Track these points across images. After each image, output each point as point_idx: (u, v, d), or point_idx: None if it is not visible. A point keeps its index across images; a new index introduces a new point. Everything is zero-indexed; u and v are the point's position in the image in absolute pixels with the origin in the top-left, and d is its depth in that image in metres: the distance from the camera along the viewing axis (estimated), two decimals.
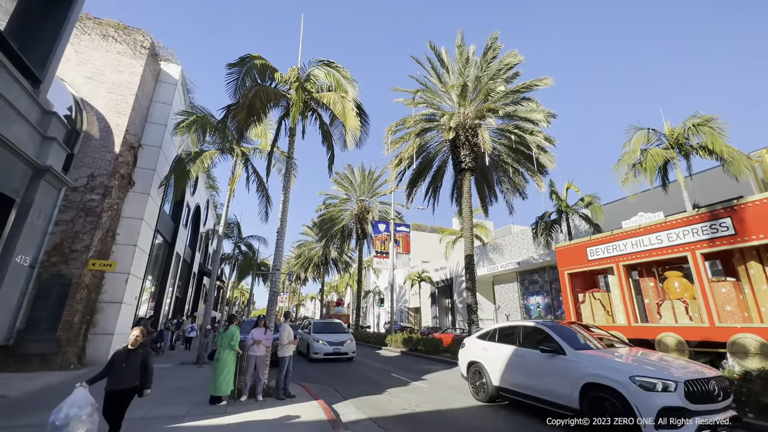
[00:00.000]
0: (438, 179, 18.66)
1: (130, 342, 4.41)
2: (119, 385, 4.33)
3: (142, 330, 4.47)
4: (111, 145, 11.94)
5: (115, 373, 4.33)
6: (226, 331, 6.86)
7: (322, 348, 13.68)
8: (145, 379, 4.45)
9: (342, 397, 7.83)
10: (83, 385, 4.06)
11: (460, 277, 34.36)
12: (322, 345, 13.70)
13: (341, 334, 14.74)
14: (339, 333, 14.85)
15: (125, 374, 4.32)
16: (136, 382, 4.42)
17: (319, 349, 13.66)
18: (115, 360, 4.38)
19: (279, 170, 15.16)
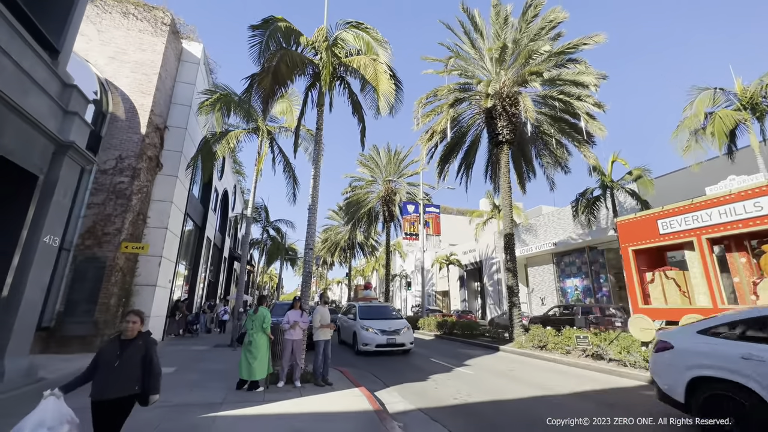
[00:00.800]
0: (471, 155, 17.50)
1: (125, 330, 3.10)
2: (109, 393, 2.98)
3: (140, 313, 3.22)
4: (137, 126, 11.67)
5: (103, 375, 2.98)
6: (256, 313, 6.37)
7: (373, 338, 10.91)
8: (149, 381, 3.09)
9: (383, 384, 7.29)
10: (55, 394, 2.84)
11: (491, 259, 33.27)
12: (373, 335, 10.97)
13: (394, 320, 12.09)
14: (391, 319, 12.15)
15: (118, 377, 2.98)
16: (136, 387, 3.06)
17: (369, 340, 10.91)
18: (102, 356, 3.03)
19: (306, 149, 14.57)
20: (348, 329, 12.62)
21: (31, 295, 6.17)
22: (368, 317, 11.98)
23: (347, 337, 12.75)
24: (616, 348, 8.14)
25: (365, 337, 11.00)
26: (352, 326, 12.02)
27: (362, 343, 10.99)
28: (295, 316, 6.74)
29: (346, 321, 13.12)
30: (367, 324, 11.40)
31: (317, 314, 6.94)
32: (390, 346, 10.92)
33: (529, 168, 17.60)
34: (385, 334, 11.01)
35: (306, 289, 7.67)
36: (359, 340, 11.16)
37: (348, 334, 12.58)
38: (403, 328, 11.33)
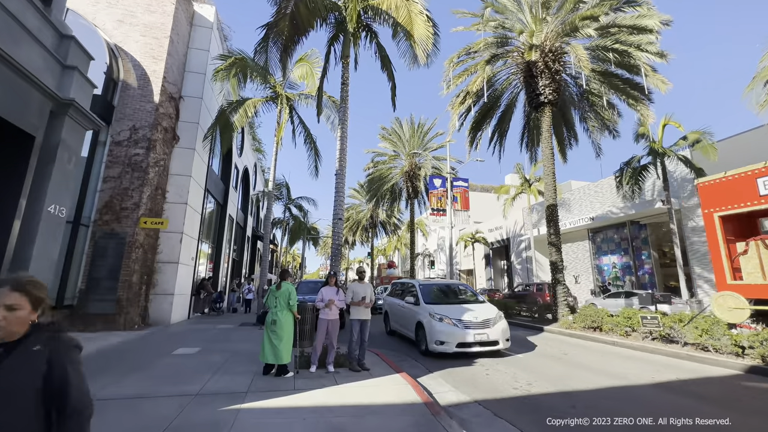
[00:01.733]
0: (505, 121, 16.00)
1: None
2: None
3: (23, 285, 1.34)
4: (150, 95, 10.94)
5: None
6: (279, 289, 5.56)
7: (452, 333, 7.23)
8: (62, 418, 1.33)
9: (425, 368, 6.46)
10: None
11: (519, 236, 31.85)
12: (452, 327, 7.28)
13: (475, 304, 8.29)
14: (470, 302, 8.41)
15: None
16: None
17: (446, 336, 7.22)
18: None
19: (328, 117, 13.56)
20: (404, 317, 9.01)
21: (38, 271, 5.57)
22: (438, 301, 8.43)
23: (403, 328, 9.18)
24: (695, 331, 6.97)
25: (439, 332, 7.26)
26: (413, 314, 8.38)
27: (436, 341, 7.25)
28: (330, 293, 5.92)
29: (400, 306, 9.42)
30: (439, 311, 7.64)
31: (350, 291, 6.10)
32: (480, 345, 7.21)
33: (570, 134, 15.98)
34: (470, 327, 7.30)
35: (336, 263, 6.84)
36: (430, 336, 7.40)
37: (404, 324, 9.03)
38: (493, 317, 7.57)
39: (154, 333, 9.41)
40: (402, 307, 9.31)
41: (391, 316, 10.23)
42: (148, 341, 8.19)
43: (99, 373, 5.30)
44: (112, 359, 6.28)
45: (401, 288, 10.21)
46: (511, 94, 15.72)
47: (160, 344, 7.81)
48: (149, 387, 4.64)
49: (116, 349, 7.22)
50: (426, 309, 7.93)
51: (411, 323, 8.45)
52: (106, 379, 4.99)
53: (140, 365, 5.85)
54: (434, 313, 7.63)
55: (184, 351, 7.06)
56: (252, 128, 24.15)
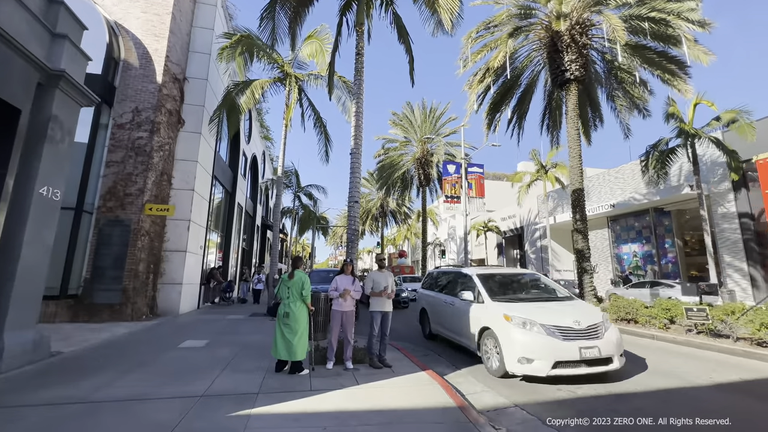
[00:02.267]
0: (525, 102, 15.11)
1: None
2: None
3: None
4: (152, 75, 10.38)
5: None
6: (291, 278, 5.00)
7: (546, 345, 4.84)
8: None
9: (451, 365, 5.90)
10: None
11: (534, 224, 30.99)
12: (545, 337, 4.91)
13: (565, 302, 5.99)
14: (557, 300, 6.10)
15: None
16: None
17: (537, 349, 4.84)
18: None
19: (339, 99, 12.87)
20: (456, 318, 6.59)
21: (31, 257, 5.13)
22: (509, 297, 6.05)
23: (454, 333, 6.74)
24: (751, 325, 6.27)
25: (525, 344, 4.87)
26: (473, 315, 5.97)
27: (519, 357, 4.84)
28: (345, 282, 5.36)
29: (447, 303, 7.06)
30: (519, 312, 5.25)
31: (369, 280, 5.53)
32: (587, 364, 4.81)
33: (595, 114, 15.04)
34: (570, 336, 4.89)
35: (352, 250, 6.27)
36: (508, 349, 4.98)
37: (456, 328, 6.60)
38: (600, 321, 5.18)
39: (161, 324, 9.03)
40: (450, 304, 6.88)
41: (432, 316, 7.74)
42: (155, 333, 7.79)
43: (98, 369, 4.86)
44: (115, 353, 5.86)
45: (446, 279, 7.77)
46: (532, 72, 14.79)
47: (167, 336, 7.40)
48: (150, 386, 4.17)
49: (120, 341, 6.82)
50: (495, 308, 5.51)
51: (468, 327, 6.00)
52: (104, 376, 4.53)
53: (143, 360, 5.40)
54: (513, 314, 5.15)
55: (191, 344, 6.62)
56: (260, 115, 23.56)
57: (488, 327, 5.47)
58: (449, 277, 7.67)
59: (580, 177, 11.81)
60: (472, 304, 6.11)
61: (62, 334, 7.01)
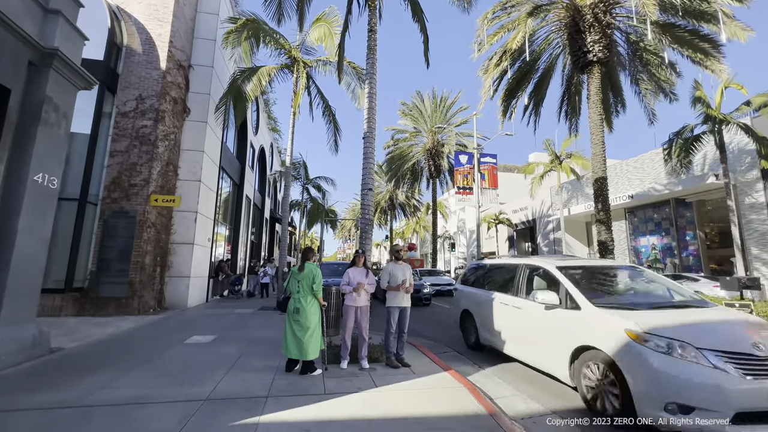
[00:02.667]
0: (542, 87, 14.41)
1: None
2: None
3: None
4: (156, 61, 10.02)
5: None
6: (301, 271, 4.62)
7: (729, 387, 2.89)
8: None
9: (473, 363, 5.49)
10: None
11: (547, 217, 30.26)
12: (718, 373, 2.97)
13: (706, 309, 4.01)
14: (695, 308, 4.03)
15: None
16: None
17: (713, 395, 2.91)
18: None
19: (348, 85, 12.39)
20: (521, 327, 5.10)
21: (26, 247, 4.82)
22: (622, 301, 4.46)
23: (511, 343, 5.25)
24: None
25: (682, 382, 3.03)
26: (561, 327, 4.28)
27: (670, 402, 3.02)
28: (358, 275, 4.95)
29: (502, 303, 5.50)
30: (659, 329, 3.42)
31: (385, 273, 5.12)
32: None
33: (617, 99, 14.28)
34: (754, 369, 3.02)
35: (366, 241, 5.85)
36: (646, 388, 3.19)
37: (518, 338, 5.14)
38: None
39: (168, 318, 8.78)
40: (515, 308, 5.09)
41: (482, 321, 5.97)
42: (161, 327, 7.52)
43: (98, 367, 4.55)
44: (118, 349, 5.57)
45: (503, 274, 5.93)
46: (550, 56, 14.07)
47: (173, 331, 7.12)
48: (152, 388, 3.83)
49: (125, 336, 6.54)
50: (605, 319, 3.78)
51: (551, 344, 4.34)
52: (104, 375, 4.22)
53: (147, 357, 5.09)
54: (645, 330, 3.40)
55: (198, 339, 6.32)
56: (267, 106, 23.19)
57: (592, 347, 3.73)
58: (509, 271, 5.77)
59: (603, 165, 11.17)
60: (558, 311, 4.29)
61: (66, 329, 6.78)
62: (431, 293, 13.43)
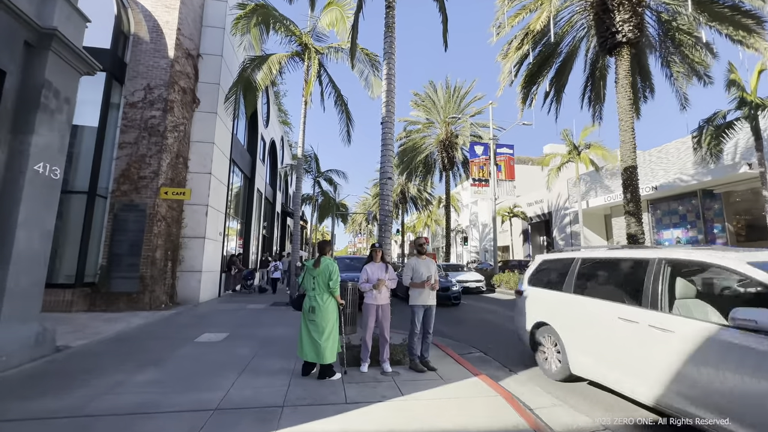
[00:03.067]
0: (565, 72, 13.67)
1: None
2: None
3: None
4: (164, 49, 9.71)
5: None
6: (317, 266, 4.22)
7: None
8: None
9: (503, 366, 5.05)
10: None
11: (563, 210, 29.43)
12: None
13: None
14: None
15: None
16: None
17: None
18: None
19: (361, 72, 11.93)
20: (673, 360, 3.03)
21: (27, 241, 4.55)
22: None
23: (659, 386, 3.14)
24: None
25: None
26: None
27: None
28: (377, 271, 4.55)
29: (621, 318, 3.60)
30: None
31: (407, 269, 4.70)
32: None
33: (645, 84, 13.47)
34: None
35: (385, 234, 5.44)
36: None
37: (645, 373, 3.30)
38: None
39: (180, 313, 8.56)
40: (658, 332, 3.21)
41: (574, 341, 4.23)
42: (172, 324, 7.28)
43: (104, 368, 4.27)
44: (126, 347, 5.30)
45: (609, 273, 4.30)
46: (573, 39, 13.31)
47: (184, 328, 6.86)
48: (158, 393, 3.51)
49: (134, 333, 6.29)
50: None
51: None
52: (109, 378, 3.93)
53: (155, 357, 4.80)
54: None
55: (209, 337, 6.02)
56: (277, 98, 22.85)
57: None
58: (629, 269, 3.94)
59: (632, 153, 10.50)
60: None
61: (75, 325, 6.57)
62: (460, 291, 12.12)
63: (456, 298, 11.53)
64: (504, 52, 12.53)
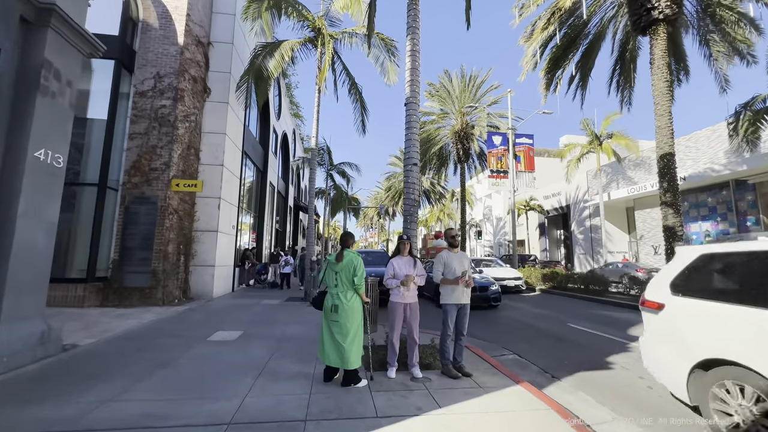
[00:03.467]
0: (591, 55, 12.86)
1: None
2: None
3: None
4: (173, 36, 9.36)
5: None
6: (340, 260, 3.77)
7: None
8: None
9: (543, 371, 4.56)
10: None
11: (582, 202, 28.45)
12: None
13: None
14: None
15: None
16: None
17: None
18: None
19: (377, 58, 11.41)
20: None
21: (29, 233, 4.23)
22: None
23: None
24: None
25: None
26: None
27: None
28: (405, 266, 4.10)
29: None
30: None
31: (438, 263, 4.23)
32: None
33: (680, 66, 12.58)
34: None
35: (411, 225, 4.97)
36: None
37: None
38: None
39: (193, 309, 8.29)
40: None
41: None
42: (184, 320, 6.99)
43: (110, 372, 3.95)
44: (135, 347, 4.99)
45: None
46: (601, 20, 12.49)
47: (197, 325, 6.55)
48: (165, 402, 3.15)
49: (145, 330, 6.01)
50: None
51: None
52: (114, 383, 3.59)
53: (165, 358, 4.47)
54: None
55: (222, 336, 5.69)
56: (289, 90, 22.48)
57: None
58: None
59: (670, 139, 9.74)
60: None
61: (85, 321, 6.33)
62: (500, 291, 10.07)
63: (496, 300, 9.70)
64: (527, 34, 11.82)
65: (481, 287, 9.33)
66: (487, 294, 9.55)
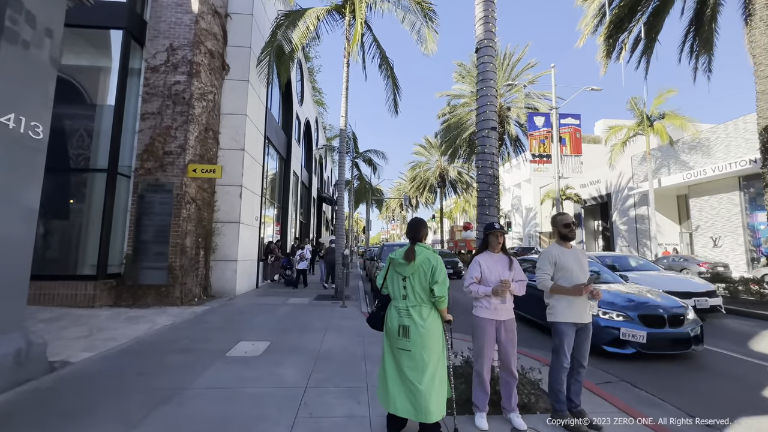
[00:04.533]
0: (661, 15, 10.98)
1: None
2: None
3: None
4: (187, 3, 8.32)
5: None
6: (410, 260, 2.53)
7: None
8: None
9: (678, 409, 3.22)
10: None
11: (626, 190, 26.16)
12: None
13: None
14: None
15: None
16: None
17: None
18: None
19: (412, 25, 10.05)
20: None
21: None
22: None
23: None
24: None
25: None
26: None
27: None
28: (497, 267, 2.84)
29: None
30: None
31: (546, 263, 2.93)
32: None
33: None
34: None
35: (491, 208, 3.68)
36: None
37: None
38: None
39: (213, 310, 7.35)
40: None
41: None
42: (202, 325, 6.01)
43: (95, 409, 2.91)
44: (137, 367, 3.98)
45: None
46: None
47: (215, 332, 5.54)
48: None
49: (155, 340, 5.03)
50: None
51: None
52: (99, 429, 2.54)
53: (169, 387, 3.41)
54: None
55: (245, 349, 4.63)
56: (312, 74, 21.36)
57: None
58: None
59: None
60: None
61: (90, 327, 5.43)
62: (701, 326, 5.11)
63: (697, 340, 4.91)
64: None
65: (672, 316, 4.92)
66: (683, 331, 4.88)
